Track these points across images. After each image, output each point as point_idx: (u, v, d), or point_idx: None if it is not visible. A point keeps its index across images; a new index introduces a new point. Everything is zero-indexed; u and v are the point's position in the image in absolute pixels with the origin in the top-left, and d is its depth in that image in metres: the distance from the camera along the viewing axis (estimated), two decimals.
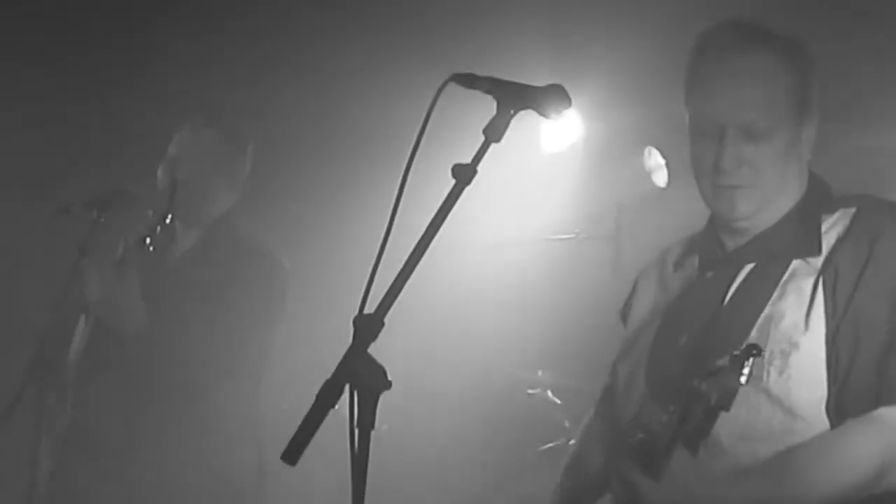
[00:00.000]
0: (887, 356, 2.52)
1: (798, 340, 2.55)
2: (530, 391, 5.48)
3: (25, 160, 5.38)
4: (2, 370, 4.16)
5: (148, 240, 4.07)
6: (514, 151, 5.86)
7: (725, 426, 2.52)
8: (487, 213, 5.74)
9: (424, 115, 2.31)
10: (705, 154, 2.69)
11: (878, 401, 2.51)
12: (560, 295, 5.46)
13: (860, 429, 2.51)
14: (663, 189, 5.57)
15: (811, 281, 2.59)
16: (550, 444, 5.25)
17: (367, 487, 5.36)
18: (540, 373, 5.50)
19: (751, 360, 2.40)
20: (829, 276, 2.59)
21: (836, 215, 2.67)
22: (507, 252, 5.75)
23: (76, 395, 4.20)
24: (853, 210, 2.66)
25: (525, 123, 5.85)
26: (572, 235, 5.57)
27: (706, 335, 2.66)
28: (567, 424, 5.23)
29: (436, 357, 5.65)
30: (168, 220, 4.08)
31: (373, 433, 5.51)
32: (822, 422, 2.55)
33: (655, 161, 5.63)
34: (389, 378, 2.20)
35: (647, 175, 5.63)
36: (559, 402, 5.35)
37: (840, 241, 2.62)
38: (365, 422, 2.17)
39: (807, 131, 2.72)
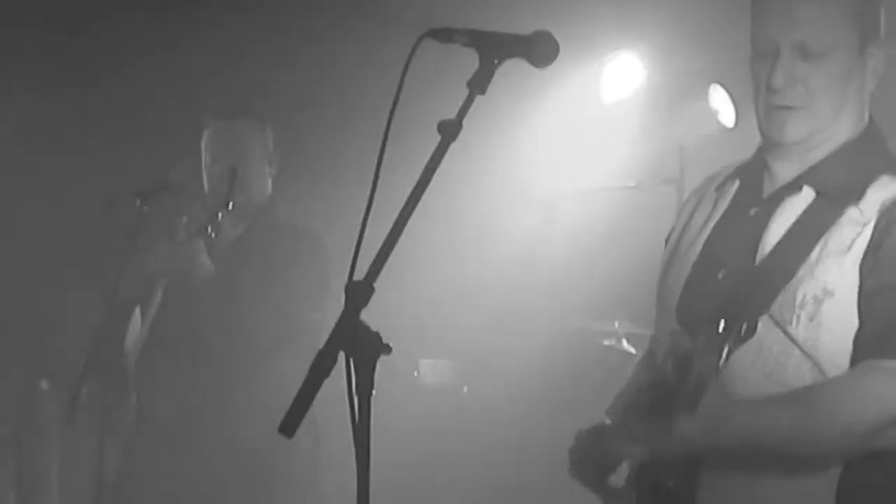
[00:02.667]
0: None
1: (832, 287, 2.49)
2: (606, 342, 5.44)
3: (55, 156, 5.49)
4: (56, 368, 4.25)
5: (209, 228, 4.21)
6: (573, 101, 5.84)
7: (751, 367, 2.51)
8: (548, 166, 5.71)
9: (401, 72, 2.28)
10: (761, 74, 2.62)
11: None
12: (626, 244, 5.40)
13: (885, 374, 2.45)
14: (730, 129, 5.45)
15: (854, 233, 2.52)
16: None
17: (446, 443, 5.38)
18: (616, 324, 5.45)
19: (730, 340, 2.37)
20: (877, 234, 2.50)
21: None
22: (571, 203, 5.70)
23: (140, 383, 4.36)
24: None
25: (585, 73, 5.80)
26: (634, 184, 5.49)
27: (744, 274, 2.60)
28: None
29: (508, 313, 5.64)
30: (230, 207, 4.20)
31: (455, 394, 5.53)
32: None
33: (721, 99, 5.51)
34: (386, 342, 2.18)
35: (712, 115, 5.51)
36: (634, 351, 5.30)
37: (891, 208, 2.52)
38: (363, 388, 2.15)
39: (872, 58, 2.63)
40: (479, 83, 2.32)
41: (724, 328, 2.30)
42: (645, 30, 5.60)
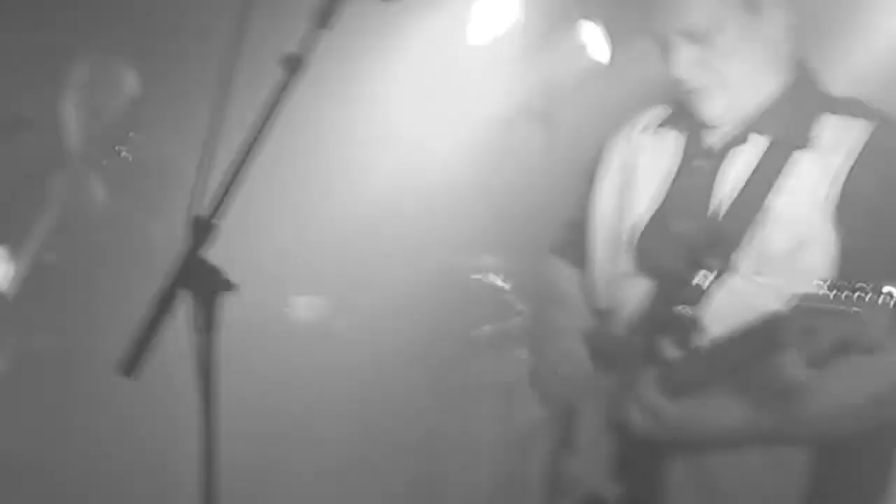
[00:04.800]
0: None
1: (806, 240, 2.54)
2: (475, 276, 5.45)
3: None
4: None
5: (118, 147, 4.38)
6: (442, 38, 5.79)
7: (731, 319, 2.50)
8: (422, 103, 5.67)
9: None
10: (667, 66, 2.70)
11: None
12: (493, 180, 5.42)
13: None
14: (604, 65, 5.44)
15: (813, 178, 2.56)
16: (494, 325, 5.26)
17: (319, 378, 5.37)
18: (485, 257, 5.47)
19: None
20: (850, 182, 2.55)
21: (848, 121, 2.62)
22: (440, 140, 5.67)
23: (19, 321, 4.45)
24: (870, 123, 2.61)
25: (454, 10, 5.76)
26: (503, 121, 5.48)
27: (702, 225, 2.65)
28: (520, 306, 5.21)
29: (377, 249, 5.63)
30: (130, 136, 4.34)
31: (326, 332, 5.52)
32: None
33: (592, 35, 5.49)
34: (227, 278, 2.17)
35: (584, 51, 5.50)
36: (507, 285, 5.32)
37: (864, 152, 2.57)
38: (206, 325, 2.14)
39: (768, 16, 2.67)
40: (323, 18, 2.29)
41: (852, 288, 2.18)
42: None
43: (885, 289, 2.12)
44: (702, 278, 2.55)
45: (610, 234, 2.85)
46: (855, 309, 2.12)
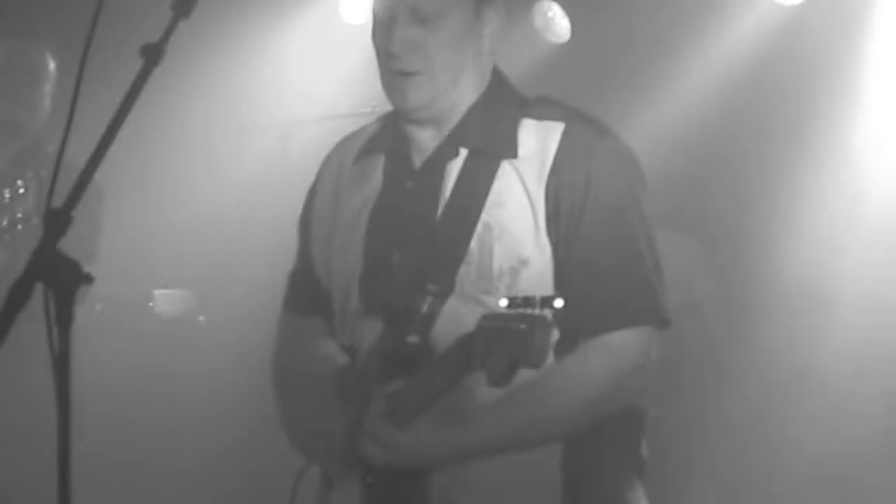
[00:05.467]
0: (616, 279, 2.54)
1: (527, 256, 2.54)
2: None
3: None
4: None
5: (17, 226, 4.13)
6: (314, 25, 5.77)
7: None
8: (287, 91, 5.65)
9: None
10: (381, 41, 2.63)
11: (605, 325, 2.53)
12: None
13: (592, 354, 2.54)
14: None
15: (533, 192, 2.56)
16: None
17: (182, 374, 5.31)
18: None
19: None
20: (551, 190, 2.55)
21: (544, 125, 2.61)
22: (308, 130, 5.63)
23: None
24: (562, 125, 2.60)
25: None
26: (369, 109, 5.46)
27: (421, 251, 2.61)
28: None
29: (244, 242, 5.59)
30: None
31: (191, 323, 5.48)
32: None
33: None
34: (87, 272, 2.12)
35: None
36: None
37: (558, 156, 2.56)
38: (63, 320, 2.09)
39: (488, 23, 2.66)
40: (182, 5, 2.25)
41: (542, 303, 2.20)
42: None
43: (555, 303, 2.17)
44: (428, 305, 2.53)
45: (335, 276, 2.77)
46: (522, 326, 2.16)
